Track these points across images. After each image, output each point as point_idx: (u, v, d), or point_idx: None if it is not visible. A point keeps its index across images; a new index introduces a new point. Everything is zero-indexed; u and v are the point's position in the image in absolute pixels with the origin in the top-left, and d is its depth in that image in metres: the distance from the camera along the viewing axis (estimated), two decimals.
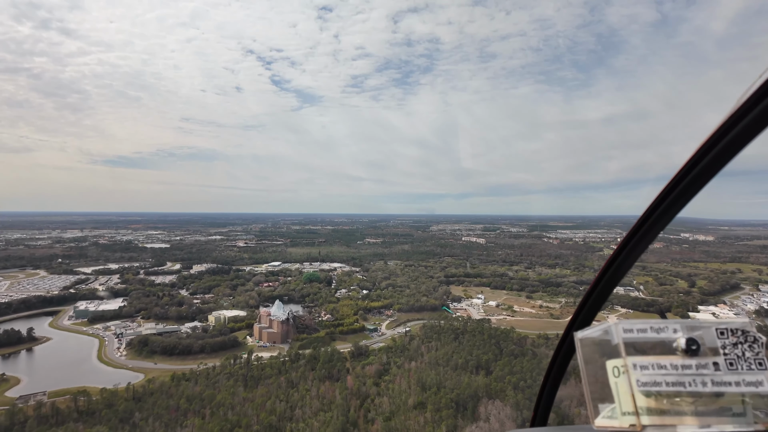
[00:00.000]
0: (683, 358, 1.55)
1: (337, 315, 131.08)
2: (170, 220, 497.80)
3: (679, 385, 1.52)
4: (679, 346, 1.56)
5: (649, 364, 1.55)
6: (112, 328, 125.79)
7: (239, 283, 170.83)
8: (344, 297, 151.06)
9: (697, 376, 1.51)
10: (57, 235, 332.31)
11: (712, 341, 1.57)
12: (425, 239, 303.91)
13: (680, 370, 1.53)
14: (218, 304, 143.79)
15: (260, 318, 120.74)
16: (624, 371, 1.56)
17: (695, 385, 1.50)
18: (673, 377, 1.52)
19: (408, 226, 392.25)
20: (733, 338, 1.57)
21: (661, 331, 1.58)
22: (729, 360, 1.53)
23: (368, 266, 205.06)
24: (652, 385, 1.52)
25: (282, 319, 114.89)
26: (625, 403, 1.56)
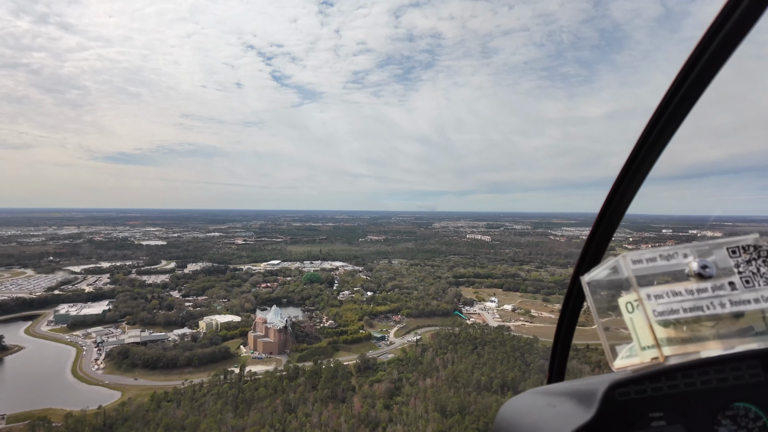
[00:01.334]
0: (698, 281, 1.48)
1: (341, 321, 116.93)
2: (170, 216, 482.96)
3: (697, 309, 1.46)
4: (691, 270, 1.49)
5: (663, 292, 1.49)
6: (93, 336, 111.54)
7: (235, 283, 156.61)
8: (347, 300, 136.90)
9: (715, 299, 1.46)
10: (53, 231, 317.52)
11: (724, 261, 1.51)
12: (428, 237, 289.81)
13: (696, 295, 1.47)
14: (211, 308, 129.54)
15: (255, 325, 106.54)
16: (638, 305, 1.50)
17: (714, 307, 1.45)
18: (689, 303, 1.47)
19: (410, 223, 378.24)
20: (745, 255, 1.51)
21: (671, 257, 1.51)
22: (745, 278, 1.48)
23: (372, 265, 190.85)
24: (669, 314, 1.47)
25: (279, 328, 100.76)
26: (643, 338, 1.50)
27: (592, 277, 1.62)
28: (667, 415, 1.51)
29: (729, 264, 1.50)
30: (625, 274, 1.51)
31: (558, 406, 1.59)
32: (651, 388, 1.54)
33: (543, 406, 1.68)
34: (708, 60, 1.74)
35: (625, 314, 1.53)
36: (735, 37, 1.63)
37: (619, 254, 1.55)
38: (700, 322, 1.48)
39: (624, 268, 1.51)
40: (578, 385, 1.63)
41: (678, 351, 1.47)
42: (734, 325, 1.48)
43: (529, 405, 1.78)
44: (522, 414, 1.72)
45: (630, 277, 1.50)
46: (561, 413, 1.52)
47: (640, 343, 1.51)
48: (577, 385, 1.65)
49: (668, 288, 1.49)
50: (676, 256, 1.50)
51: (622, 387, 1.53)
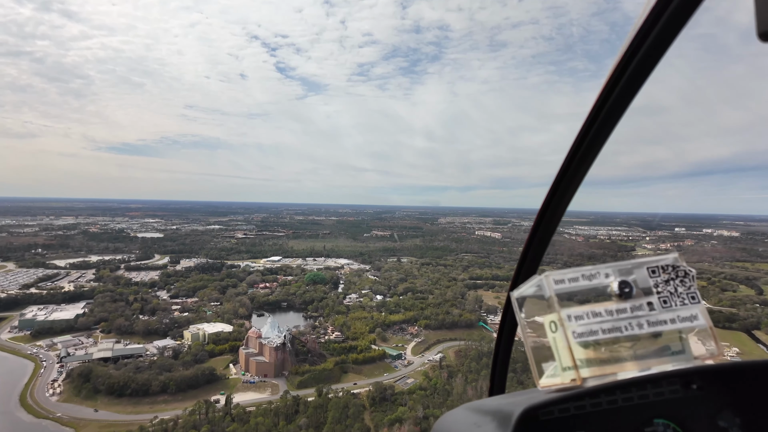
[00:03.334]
0: (618, 302, 1.45)
1: (349, 333, 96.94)
2: (171, 208, 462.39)
3: (615, 330, 1.43)
4: (612, 290, 1.46)
5: (583, 313, 1.45)
6: (59, 347, 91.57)
7: (230, 283, 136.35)
8: (355, 305, 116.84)
9: (633, 319, 1.44)
10: (48, 222, 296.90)
11: (644, 281, 1.49)
12: (436, 233, 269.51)
13: (616, 315, 1.44)
14: (200, 314, 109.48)
15: (248, 340, 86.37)
16: (559, 324, 1.46)
17: (632, 328, 1.43)
18: (609, 324, 1.44)
19: (415, 219, 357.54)
20: (664, 275, 1.49)
21: (593, 277, 1.47)
22: (662, 298, 1.46)
23: (379, 264, 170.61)
24: (588, 335, 1.44)
25: (276, 344, 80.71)
26: (564, 358, 1.47)
27: (520, 294, 1.59)
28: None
29: (649, 284, 1.48)
30: (547, 293, 1.47)
31: (482, 427, 1.55)
32: (574, 406, 1.52)
33: (470, 425, 1.63)
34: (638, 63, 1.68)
35: (549, 333, 1.51)
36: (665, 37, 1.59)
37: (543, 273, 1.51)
38: (618, 342, 1.47)
39: (546, 287, 1.47)
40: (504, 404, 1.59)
41: (596, 372, 1.45)
42: (652, 345, 1.48)
43: (459, 422, 1.72)
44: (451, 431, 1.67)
45: (551, 297, 1.46)
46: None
47: (561, 363, 1.48)
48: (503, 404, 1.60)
49: (588, 309, 1.46)
50: (598, 276, 1.47)
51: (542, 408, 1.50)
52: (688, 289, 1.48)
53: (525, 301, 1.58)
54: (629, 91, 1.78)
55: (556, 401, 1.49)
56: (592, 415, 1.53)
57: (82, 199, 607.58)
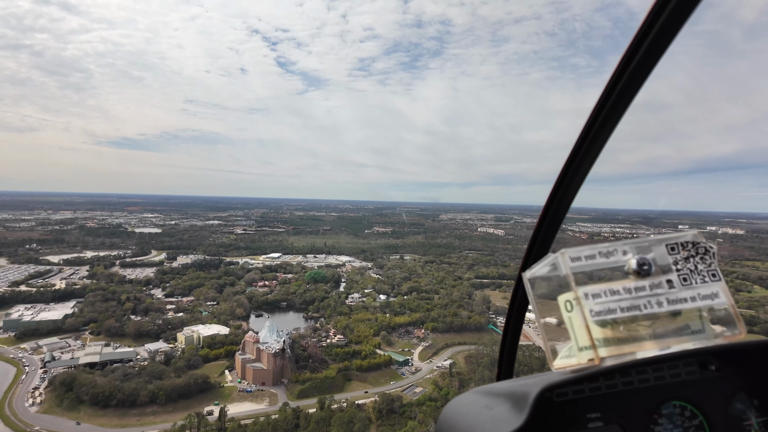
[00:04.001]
0: (636, 280, 1.41)
1: (352, 336, 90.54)
2: (172, 203, 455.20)
3: (634, 309, 1.39)
4: (630, 268, 1.41)
5: (601, 291, 1.41)
6: (44, 350, 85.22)
7: (228, 281, 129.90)
8: (358, 305, 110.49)
9: (652, 297, 1.40)
10: (45, 216, 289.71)
11: (663, 258, 1.44)
12: (438, 229, 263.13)
13: (634, 294, 1.40)
14: (195, 314, 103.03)
15: (244, 345, 79.92)
16: (576, 303, 1.41)
17: (651, 306, 1.39)
18: (627, 302, 1.39)
19: (416, 215, 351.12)
20: (684, 252, 1.44)
21: (610, 254, 1.42)
22: (682, 275, 1.42)
23: (382, 261, 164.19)
24: (606, 314, 1.39)
25: (275, 350, 74.30)
26: (581, 338, 1.42)
27: (533, 274, 1.52)
28: (604, 415, 1.47)
29: (668, 261, 1.44)
30: (563, 271, 1.42)
31: (495, 408, 1.52)
32: (589, 388, 1.50)
33: (481, 408, 1.59)
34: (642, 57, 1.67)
35: (564, 313, 1.46)
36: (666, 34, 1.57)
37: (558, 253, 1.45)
38: (637, 321, 1.43)
39: (562, 265, 1.42)
40: (517, 386, 1.55)
41: (614, 352, 1.41)
42: (671, 324, 1.44)
43: (468, 405, 1.67)
44: (461, 414, 1.63)
45: (568, 275, 1.40)
46: (496, 416, 1.46)
47: (577, 343, 1.43)
48: (516, 386, 1.57)
49: (606, 287, 1.41)
50: (616, 253, 1.42)
51: (557, 389, 1.47)
52: (709, 266, 1.43)
53: (537, 282, 1.52)
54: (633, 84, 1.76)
55: (573, 381, 1.46)
56: (608, 397, 1.51)
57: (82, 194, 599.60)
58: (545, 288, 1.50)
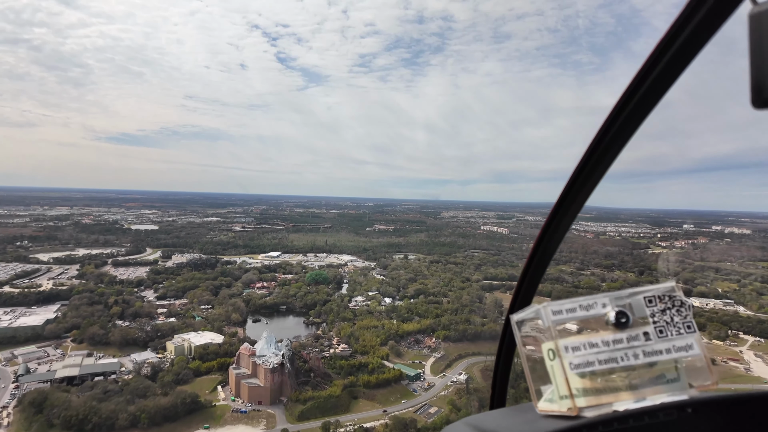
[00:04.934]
0: (614, 332, 1.44)
1: (357, 346, 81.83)
2: (171, 199, 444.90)
3: (612, 361, 1.42)
4: (609, 320, 1.45)
5: (580, 344, 1.44)
6: (19, 360, 76.34)
7: (224, 283, 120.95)
8: (362, 310, 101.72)
9: (629, 350, 1.43)
10: (41, 212, 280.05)
11: (641, 311, 1.48)
12: (440, 227, 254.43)
13: (612, 346, 1.43)
14: (187, 320, 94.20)
15: (239, 358, 71.04)
16: (557, 354, 1.45)
17: (628, 358, 1.42)
18: (605, 354, 1.42)
19: (417, 212, 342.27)
20: (660, 305, 1.47)
21: (590, 307, 1.46)
22: (658, 327, 1.45)
23: (385, 261, 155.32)
24: (585, 366, 1.42)
25: (273, 365, 65.54)
26: (561, 387, 1.46)
27: (520, 318, 1.59)
28: None
29: (645, 313, 1.47)
30: (545, 324, 1.47)
31: None
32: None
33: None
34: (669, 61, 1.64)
35: (547, 361, 1.50)
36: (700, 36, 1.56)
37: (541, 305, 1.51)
38: (615, 372, 1.46)
39: (545, 318, 1.47)
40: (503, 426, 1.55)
41: (592, 402, 1.43)
42: (647, 374, 1.46)
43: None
44: None
45: (550, 328, 1.46)
46: None
47: (558, 391, 1.47)
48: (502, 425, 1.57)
49: (585, 339, 1.45)
50: (595, 306, 1.47)
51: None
52: (684, 318, 1.47)
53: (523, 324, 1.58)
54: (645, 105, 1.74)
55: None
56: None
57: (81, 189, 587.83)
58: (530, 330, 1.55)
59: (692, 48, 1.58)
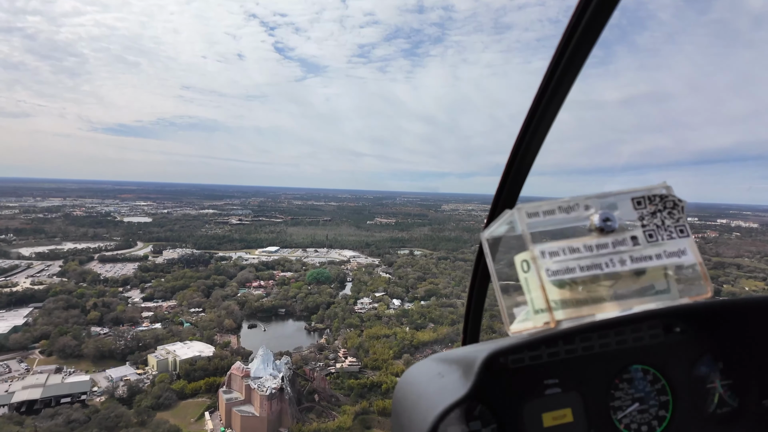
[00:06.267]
0: (599, 236, 1.22)
1: (367, 359, 70.10)
2: (167, 190, 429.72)
3: (594, 267, 1.21)
4: (593, 224, 1.23)
5: (559, 249, 1.22)
6: None
7: (217, 282, 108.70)
8: (369, 314, 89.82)
9: (615, 255, 1.21)
10: (32, 203, 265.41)
11: (629, 214, 1.26)
12: (443, 220, 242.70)
13: (595, 251, 1.21)
14: (175, 326, 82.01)
15: (230, 380, 58.89)
16: (532, 263, 1.22)
17: (613, 265, 1.21)
18: (587, 260, 1.21)
19: (417, 205, 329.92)
20: (651, 206, 1.26)
21: (571, 209, 1.24)
22: (648, 231, 1.24)
23: (390, 257, 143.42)
24: (564, 273, 1.21)
25: (270, 390, 53.64)
26: (536, 300, 1.24)
27: (490, 233, 1.35)
28: (562, 381, 1.34)
29: (634, 216, 1.26)
30: (519, 228, 1.24)
31: (446, 377, 1.33)
32: (547, 353, 1.34)
33: (433, 376, 1.40)
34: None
35: (521, 273, 1.28)
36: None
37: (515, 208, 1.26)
38: (597, 281, 1.24)
39: (519, 221, 1.23)
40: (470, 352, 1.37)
41: (572, 314, 1.23)
42: (634, 284, 1.26)
43: (422, 374, 1.48)
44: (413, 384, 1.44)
45: (524, 232, 1.22)
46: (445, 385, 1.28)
47: (533, 305, 1.25)
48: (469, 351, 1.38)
49: (565, 244, 1.23)
50: (577, 208, 1.24)
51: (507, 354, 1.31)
52: (677, 221, 1.26)
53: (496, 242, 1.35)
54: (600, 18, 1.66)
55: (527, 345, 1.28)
56: (567, 362, 1.36)
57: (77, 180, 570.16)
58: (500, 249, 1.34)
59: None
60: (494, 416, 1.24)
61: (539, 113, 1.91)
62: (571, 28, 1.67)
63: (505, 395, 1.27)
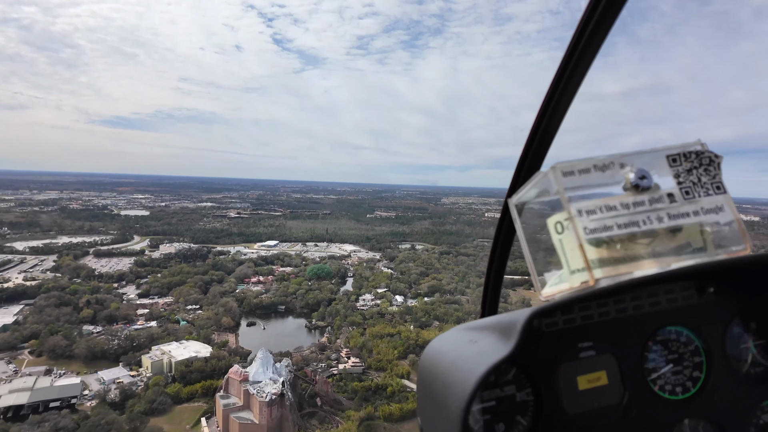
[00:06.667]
0: (634, 194, 1.20)
1: (371, 360, 66.93)
2: (165, 183, 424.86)
3: (632, 225, 1.18)
4: (628, 182, 1.20)
5: (596, 207, 1.19)
6: None
7: (215, 277, 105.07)
8: (372, 311, 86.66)
9: (652, 212, 1.19)
10: (28, 196, 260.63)
11: (664, 170, 1.24)
12: (443, 214, 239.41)
13: (632, 209, 1.19)
14: (171, 324, 78.59)
15: (228, 384, 55.50)
16: (568, 224, 1.19)
17: (650, 222, 1.18)
18: (625, 218, 1.18)
19: (417, 198, 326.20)
20: (686, 163, 1.24)
21: (606, 167, 1.21)
22: (684, 188, 1.22)
23: (391, 252, 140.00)
24: (602, 231, 1.17)
25: (270, 396, 50.34)
26: (573, 260, 1.21)
27: (519, 198, 1.32)
28: (596, 344, 1.31)
29: (669, 174, 1.24)
30: (554, 187, 1.20)
31: (479, 342, 1.32)
32: (581, 317, 1.31)
33: (465, 342, 1.38)
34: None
35: (554, 235, 1.25)
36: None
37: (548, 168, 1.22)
38: (635, 239, 1.21)
39: (553, 181, 1.19)
40: (502, 318, 1.34)
41: (610, 272, 1.19)
42: (671, 242, 1.23)
43: (451, 342, 1.46)
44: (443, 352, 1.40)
45: (560, 191, 1.19)
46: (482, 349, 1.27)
47: (569, 266, 1.22)
48: (501, 318, 1.35)
49: (602, 203, 1.19)
50: (612, 166, 1.21)
51: (548, 316, 1.28)
52: (713, 177, 1.24)
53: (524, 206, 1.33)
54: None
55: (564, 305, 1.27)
56: (600, 325, 1.32)
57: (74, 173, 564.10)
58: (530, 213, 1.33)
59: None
60: (529, 380, 1.23)
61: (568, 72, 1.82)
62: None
63: (539, 359, 1.25)
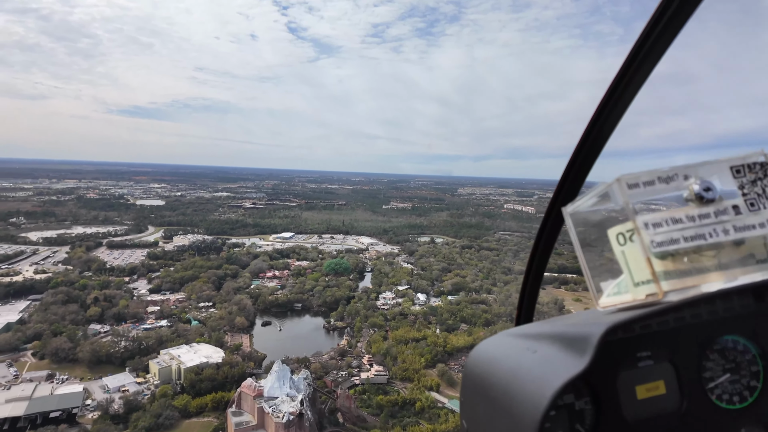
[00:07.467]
0: (699, 206, 1.19)
1: (396, 368, 60.38)
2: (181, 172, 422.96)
3: (698, 238, 1.17)
4: (692, 194, 1.19)
5: (662, 220, 1.18)
6: None
7: (230, 272, 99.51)
8: (394, 311, 79.95)
9: (718, 225, 1.18)
10: (46, 185, 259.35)
11: (728, 183, 1.22)
12: (461, 205, 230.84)
13: (698, 221, 1.17)
14: (182, 324, 73.02)
15: (240, 399, 49.38)
16: (632, 235, 1.20)
17: (716, 234, 1.17)
18: (691, 231, 1.17)
19: (432, 189, 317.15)
20: (750, 175, 1.22)
21: (670, 179, 1.20)
22: (749, 200, 1.20)
23: (411, 246, 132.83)
24: (668, 244, 1.16)
25: (287, 416, 44.10)
26: (637, 272, 1.21)
27: (575, 208, 1.32)
28: (654, 353, 1.30)
29: (733, 186, 1.22)
30: (620, 200, 1.19)
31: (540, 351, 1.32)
32: (639, 326, 1.30)
33: (522, 351, 1.38)
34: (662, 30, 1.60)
35: (616, 247, 1.24)
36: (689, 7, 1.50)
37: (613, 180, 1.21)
38: (700, 251, 1.20)
39: (618, 193, 1.19)
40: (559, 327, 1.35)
41: (677, 285, 1.19)
42: (735, 254, 1.22)
43: (504, 348, 1.45)
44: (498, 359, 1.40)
45: (626, 203, 1.18)
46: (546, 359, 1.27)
47: (633, 278, 1.22)
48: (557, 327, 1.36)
49: (668, 215, 1.19)
50: (676, 178, 1.20)
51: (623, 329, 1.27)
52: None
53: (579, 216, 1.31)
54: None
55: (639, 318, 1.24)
56: (659, 334, 1.30)
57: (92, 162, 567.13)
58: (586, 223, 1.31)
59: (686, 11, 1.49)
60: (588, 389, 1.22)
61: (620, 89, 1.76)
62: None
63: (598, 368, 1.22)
